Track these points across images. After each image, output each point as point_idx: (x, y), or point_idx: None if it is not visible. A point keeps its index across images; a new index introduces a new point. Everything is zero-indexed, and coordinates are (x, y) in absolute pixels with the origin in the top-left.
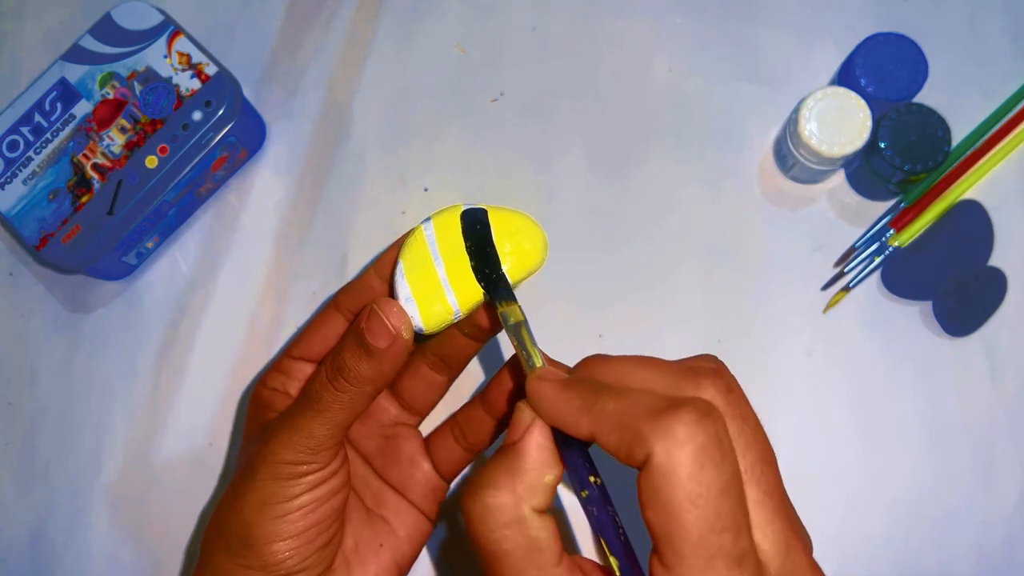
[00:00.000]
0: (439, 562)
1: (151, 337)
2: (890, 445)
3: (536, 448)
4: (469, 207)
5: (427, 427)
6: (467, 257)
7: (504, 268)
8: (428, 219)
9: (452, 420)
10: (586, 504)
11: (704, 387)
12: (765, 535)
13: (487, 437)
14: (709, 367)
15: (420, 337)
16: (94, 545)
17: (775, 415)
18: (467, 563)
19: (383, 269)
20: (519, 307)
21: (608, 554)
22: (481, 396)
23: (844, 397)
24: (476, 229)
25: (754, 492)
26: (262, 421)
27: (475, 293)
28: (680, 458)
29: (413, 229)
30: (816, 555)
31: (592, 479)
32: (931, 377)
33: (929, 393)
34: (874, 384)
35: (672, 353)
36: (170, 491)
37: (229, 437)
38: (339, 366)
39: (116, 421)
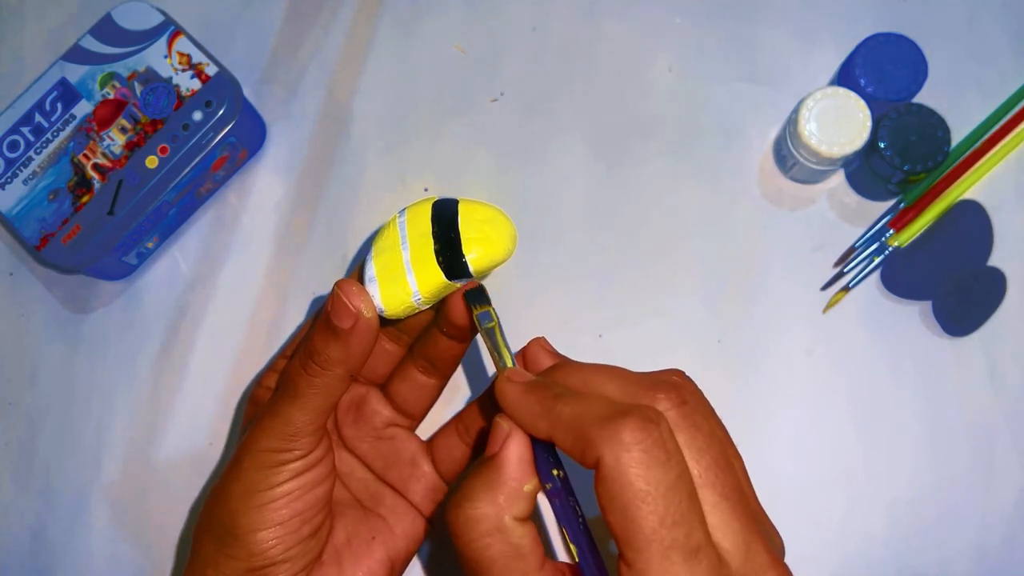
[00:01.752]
0: (433, 566)
1: (151, 337)
2: (890, 445)
3: (515, 459)
4: (442, 198)
5: (426, 431)
6: (432, 241)
7: (470, 256)
8: (403, 209)
9: (457, 419)
10: (550, 495)
11: (658, 399)
12: (724, 535)
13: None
14: (669, 380)
15: (386, 320)
16: (94, 545)
17: (775, 415)
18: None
19: None
20: (492, 310)
21: (569, 542)
22: (488, 392)
23: (844, 397)
24: (443, 216)
25: (710, 495)
26: None
27: (435, 276)
28: (627, 461)
29: (390, 218)
30: (816, 555)
31: (555, 472)
32: (931, 377)
33: (929, 393)
34: (874, 384)
35: (671, 352)
36: (170, 491)
37: (229, 437)
38: (309, 350)
39: (116, 421)
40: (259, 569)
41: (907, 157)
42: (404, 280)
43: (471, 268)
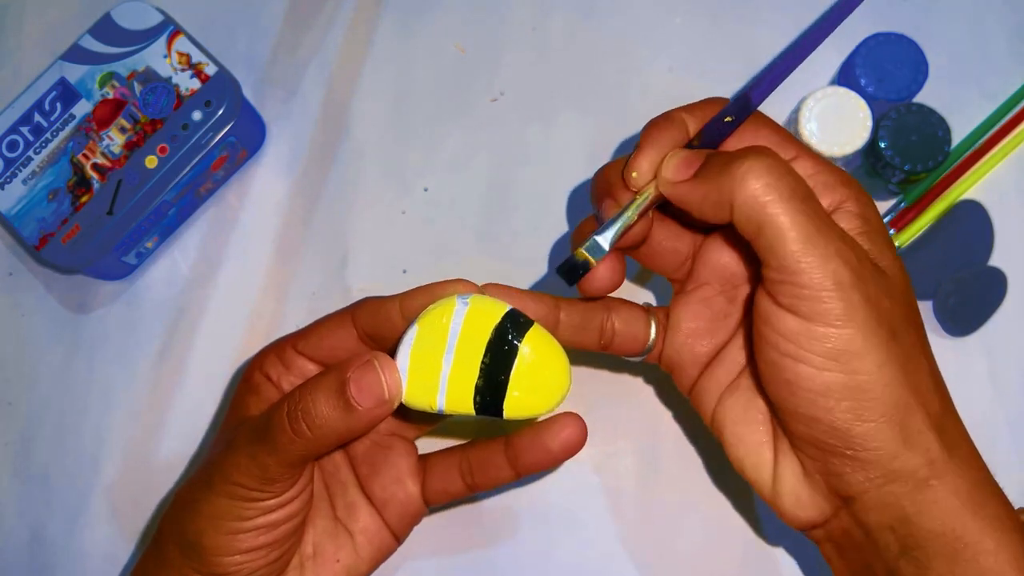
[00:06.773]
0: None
1: (151, 337)
2: None
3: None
4: (512, 315)
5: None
6: (478, 370)
7: (507, 406)
8: (467, 298)
9: (463, 454)
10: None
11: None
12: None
13: (498, 483)
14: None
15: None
16: (94, 545)
17: None
18: (465, 559)
19: (408, 308)
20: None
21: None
22: (506, 443)
23: None
24: (504, 348)
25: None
26: (244, 411)
27: (465, 405)
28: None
29: (449, 298)
30: (816, 554)
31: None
32: None
33: None
34: None
35: None
36: (170, 491)
37: None
38: (305, 409)
39: (116, 421)
40: None
41: (907, 157)
42: (434, 392)
43: (504, 415)
